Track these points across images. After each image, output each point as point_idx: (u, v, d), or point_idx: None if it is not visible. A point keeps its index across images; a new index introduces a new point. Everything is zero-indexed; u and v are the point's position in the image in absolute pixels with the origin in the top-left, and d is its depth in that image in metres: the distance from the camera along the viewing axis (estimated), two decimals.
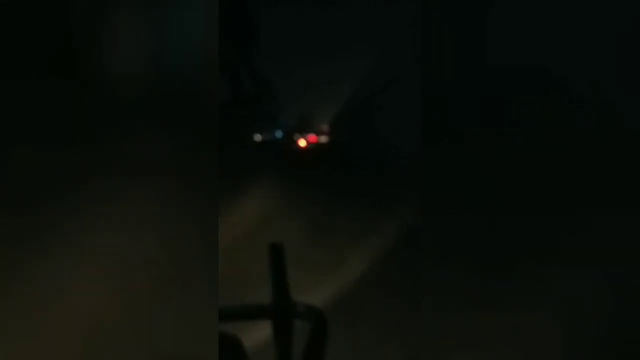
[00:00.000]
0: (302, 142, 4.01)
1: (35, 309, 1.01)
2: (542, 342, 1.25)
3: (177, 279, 1.09)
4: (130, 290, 1.06)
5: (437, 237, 1.28)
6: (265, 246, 1.43)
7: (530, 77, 1.29)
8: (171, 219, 1.09)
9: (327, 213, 3.56)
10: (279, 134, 4.03)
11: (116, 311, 1.05)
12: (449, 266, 1.28)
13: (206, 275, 1.09)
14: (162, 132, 1.10)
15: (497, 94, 1.30)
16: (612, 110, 1.25)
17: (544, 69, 1.28)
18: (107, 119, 1.07)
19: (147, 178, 1.08)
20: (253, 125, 4.01)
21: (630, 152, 1.23)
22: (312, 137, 4.00)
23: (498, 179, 1.28)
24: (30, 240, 1.01)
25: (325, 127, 4.03)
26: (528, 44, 1.29)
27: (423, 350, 1.25)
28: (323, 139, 4.01)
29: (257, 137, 4.02)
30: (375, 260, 3.21)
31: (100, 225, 1.05)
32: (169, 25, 1.12)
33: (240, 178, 3.61)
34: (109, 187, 1.06)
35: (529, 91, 1.29)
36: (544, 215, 1.27)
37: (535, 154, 1.27)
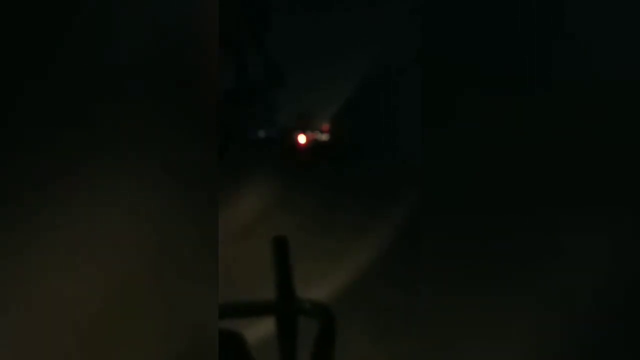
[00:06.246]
0: (301, 139, 4.01)
1: (32, 306, 1.00)
2: (540, 337, 1.25)
3: (176, 276, 1.08)
4: (129, 288, 1.05)
5: (437, 232, 1.29)
6: (267, 242, 1.42)
7: (531, 76, 1.29)
8: (170, 215, 1.08)
9: (328, 209, 3.56)
10: (279, 131, 4.03)
11: (115, 309, 1.04)
12: (449, 261, 1.28)
13: (206, 273, 1.08)
14: (160, 128, 1.09)
15: (497, 92, 1.30)
16: (614, 109, 1.25)
17: (545, 67, 1.29)
18: (102, 115, 1.06)
19: (145, 175, 1.08)
20: (254, 123, 4.00)
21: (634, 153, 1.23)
22: (313, 135, 4.01)
23: (498, 177, 1.29)
24: (24, 238, 1.00)
25: (325, 124, 4.03)
26: (528, 44, 1.29)
27: (424, 342, 1.26)
28: (323, 136, 4.01)
29: (258, 134, 4.02)
30: (375, 254, 3.21)
31: (98, 224, 1.04)
32: (166, 18, 1.11)
33: (241, 174, 3.61)
34: (106, 185, 1.05)
35: (530, 90, 1.29)
36: (544, 214, 1.27)
37: (536, 153, 1.28)
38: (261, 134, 4.08)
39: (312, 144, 4.07)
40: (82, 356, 1.02)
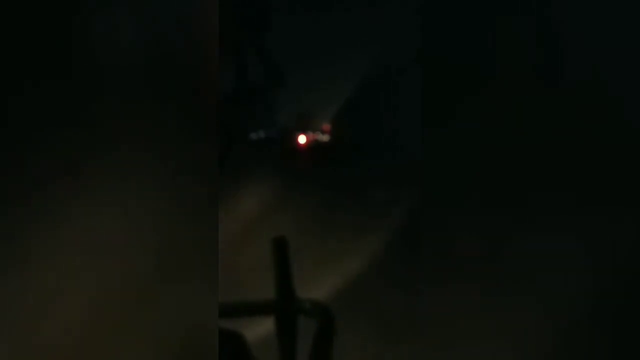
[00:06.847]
0: (302, 139, 4.01)
1: (32, 305, 1.00)
2: (539, 337, 1.25)
3: (177, 276, 1.08)
4: (129, 288, 1.06)
5: (437, 232, 1.29)
6: (267, 242, 1.42)
7: (531, 76, 1.30)
8: (171, 215, 1.09)
9: (328, 209, 3.55)
10: (279, 131, 4.03)
11: (115, 308, 1.05)
12: (449, 261, 1.29)
13: (206, 273, 1.09)
14: (160, 128, 1.09)
15: (497, 92, 1.30)
16: (614, 109, 1.25)
17: (545, 68, 1.29)
18: (102, 115, 1.06)
19: (145, 175, 1.08)
20: (254, 123, 4.00)
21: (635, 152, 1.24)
22: (313, 135, 4.01)
23: (498, 177, 1.29)
24: (24, 238, 1.00)
25: (325, 125, 4.03)
26: (528, 44, 1.29)
27: (424, 342, 1.26)
28: (323, 136, 4.01)
29: (258, 134, 4.02)
30: (375, 254, 3.21)
31: (98, 224, 1.04)
32: (166, 18, 1.11)
33: (241, 174, 3.61)
34: (106, 185, 1.05)
35: (530, 90, 1.29)
36: (543, 214, 1.28)
37: (536, 153, 1.28)
38: (261, 134, 4.07)
39: (313, 144, 4.06)
40: (83, 355, 1.03)
